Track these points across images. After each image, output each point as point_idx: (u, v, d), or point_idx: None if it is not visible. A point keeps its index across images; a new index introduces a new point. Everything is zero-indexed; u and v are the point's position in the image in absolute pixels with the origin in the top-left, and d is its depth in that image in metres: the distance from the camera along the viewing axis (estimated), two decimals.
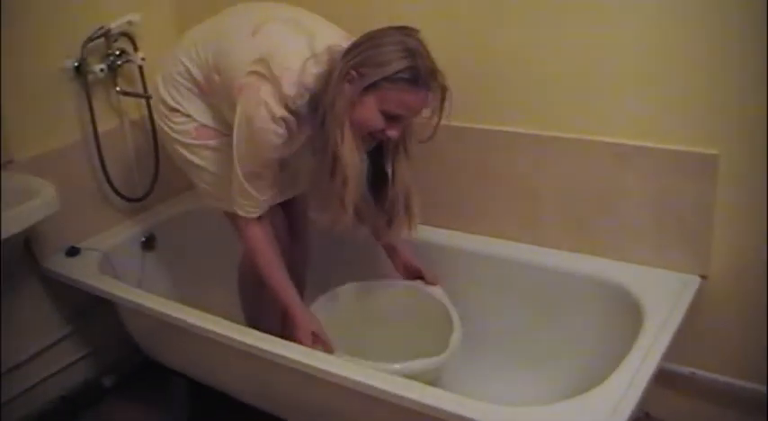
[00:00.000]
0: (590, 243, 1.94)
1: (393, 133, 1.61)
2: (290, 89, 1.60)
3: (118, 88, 2.25)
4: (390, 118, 1.59)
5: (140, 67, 2.26)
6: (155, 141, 2.30)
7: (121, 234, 2.30)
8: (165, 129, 1.88)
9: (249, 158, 1.69)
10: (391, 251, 1.97)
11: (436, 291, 1.93)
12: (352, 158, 1.60)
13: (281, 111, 1.60)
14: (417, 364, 1.67)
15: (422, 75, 1.54)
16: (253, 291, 2.01)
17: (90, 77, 2.13)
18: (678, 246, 1.82)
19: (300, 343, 1.70)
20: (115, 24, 2.15)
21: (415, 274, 1.95)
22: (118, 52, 2.20)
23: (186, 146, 1.86)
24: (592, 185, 1.90)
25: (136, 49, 2.24)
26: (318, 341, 1.72)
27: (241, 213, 1.75)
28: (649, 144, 1.78)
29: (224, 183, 1.79)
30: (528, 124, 1.93)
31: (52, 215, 1.83)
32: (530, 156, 1.96)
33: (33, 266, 2.09)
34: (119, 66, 2.21)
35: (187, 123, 1.84)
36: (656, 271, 1.84)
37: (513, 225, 2.06)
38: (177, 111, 1.84)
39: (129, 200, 2.31)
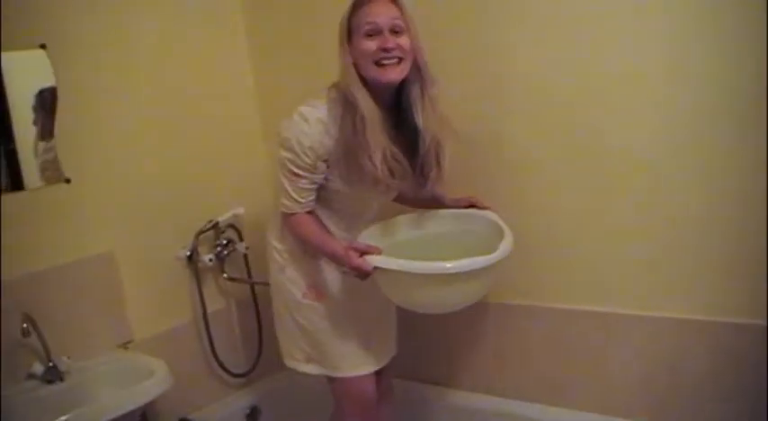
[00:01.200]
0: None
1: (388, 43, 1.74)
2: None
3: (225, 275, 2.50)
4: (374, 35, 1.75)
5: (245, 256, 2.53)
6: (258, 321, 2.53)
7: (228, 407, 2.48)
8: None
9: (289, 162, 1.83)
10: (435, 202, 2.06)
11: (489, 213, 1.98)
12: (366, 103, 1.76)
13: (313, 115, 1.80)
14: (467, 262, 1.71)
15: None
16: None
17: (200, 265, 2.40)
18: None
19: (355, 265, 1.78)
20: (223, 218, 2.44)
21: (465, 205, 2.05)
22: (225, 242, 2.48)
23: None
24: None
25: (241, 238, 2.51)
26: (362, 250, 1.80)
27: (282, 210, 1.91)
28: None
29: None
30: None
31: (166, 391, 2.00)
32: None
33: None
34: (226, 255, 2.48)
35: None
36: None
37: None
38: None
39: (234, 375, 2.51)
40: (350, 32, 1.80)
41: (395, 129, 1.85)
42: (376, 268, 1.77)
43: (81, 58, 2.07)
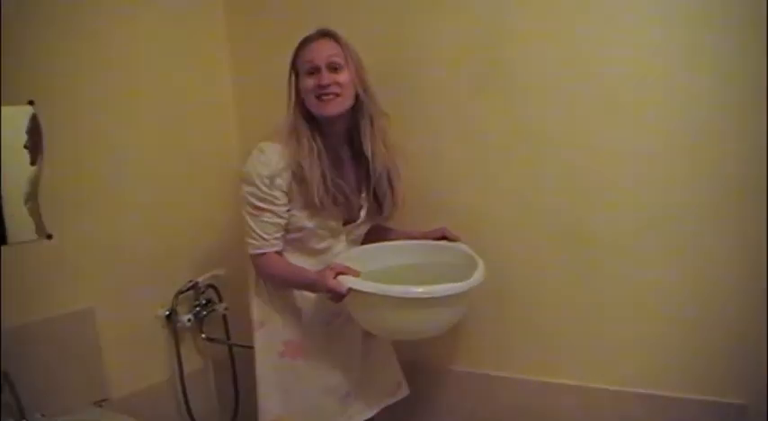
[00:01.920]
0: None
1: (323, 80, 1.87)
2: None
3: (203, 335, 2.53)
4: (314, 73, 1.89)
5: (224, 316, 2.56)
6: (235, 382, 2.55)
7: None
8: None
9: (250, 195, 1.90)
10: (405, 236, 2.14)
11: (460, 245, 2.03)
12: (307, 134, 1.90)
13: (270, 147, 1.89)
14: (439, 288, 1.74)
15: (311, 33, 1.93)
16: None
17: (179, 325, 2.43)
18: None
19: (330, 286, 1.80)
20: (202, 278, 2.48)
21: (436, 237, 2.10)
22: (205, 302, 2.51)
23: None
24: None
25: (220, 299, 2.55)
26: (339, 271, 1.82)
27: (249, 251, 1.95)
28: None
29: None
30: None
31: None
32: None
33: None
34: (205, 315, 2.51)
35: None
36: None
37: None
38: None
39: None
40: (296, 71, 1.95)
41: (352, 159, 1.97)
42: (350, 290, 1.79)
43: (67, 114, 2.13)
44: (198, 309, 2.50)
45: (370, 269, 1.96)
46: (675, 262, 1.90)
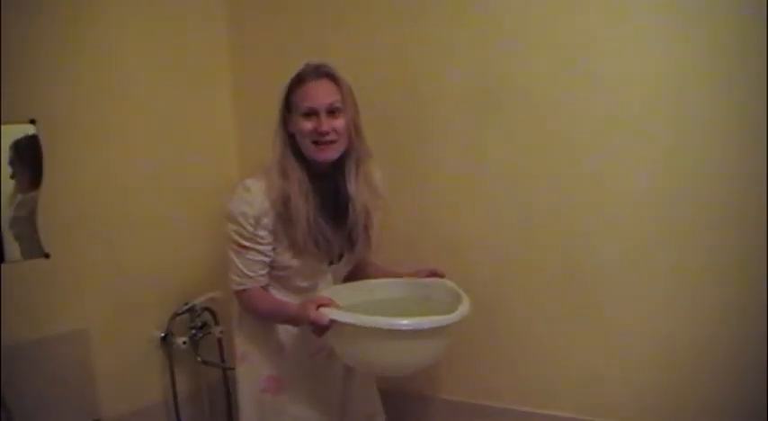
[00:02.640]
0: None
1: (322, 127, 1.84)
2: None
3: (199, 358, 2.53)
4: (311, 115, 1.85)
5: (219, 340, 2.57)
6: (228, 406, 2.56)
7: None
8: None
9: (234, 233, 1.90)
10: (374, 270, 2.13)
11: (446, 281, 2.00)
12: (296, 174, 1.88)
13: (255, 185, 1.88)
14: (426, 320, 1.73)
15: (308, 70, 1.89)
16: None
17: (174, 347, 2.44)
18: None
19: (311, 318, 1.75)
20: (199, 301, 2.49)
21: (426, 275, 2.05)
22: (200, 324, 2.52)
23: None
24: None
25: (216, 322, 2.56)
26: (321, 303, 1.78)
27: (232, 286, 1.94)
28: None
29: None
30: None
31: None
32: None
33: None
34: (200, 338, 2.52)
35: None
36: None
37: None
38: None
39: None
40: (288, 106, 1.91)
41: (333, 198, 1.94)
42: (332, 322, 1.75)
43: (68, 132, 2.17)
44: (194, 331, 2.50)
45: (352, 302, 1.94)
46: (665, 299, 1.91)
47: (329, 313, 1.76)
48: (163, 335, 2.42)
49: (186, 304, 2.47)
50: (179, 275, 2.52)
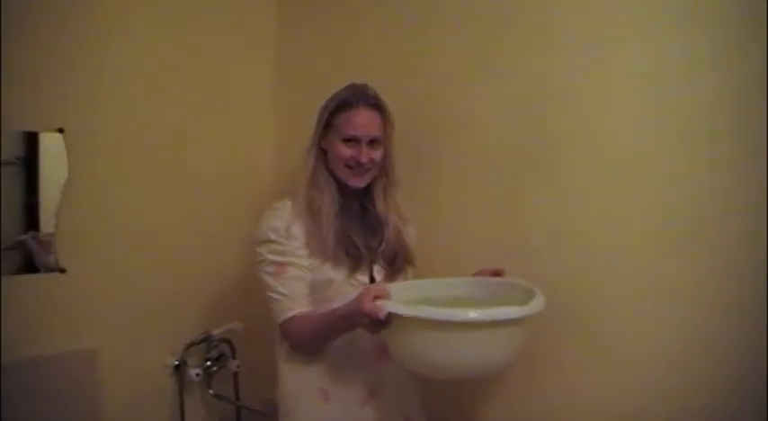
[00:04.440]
0: None
1: (362, 157, 1.83)
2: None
3: (211, 391, 2.42)
4: (351, 142, 1.84)
5: (235, 374, 2.47)
6: None
7: None
8: None
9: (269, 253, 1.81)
10: None
11: (519, 279, 1.81)
12: (329, 187, 1.86)
13: (282, 204, 1.86)
14: (499, 311, 1.53)
15: (357, 95, 1.86)
16: None
17: (186, 377, 2.34)
18: None
19: (366, 311, 1.56)
20: (217, 331, 2.40)
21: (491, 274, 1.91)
22: (217, 356, 2.42)
23: None
24: None
25: (234, 355, 2.46)
26: (378, 294, 1.59)
27: (278, 320, 1.80)
28: None
29: None
30: None
31: None
32: None
33: None
34: (215, 370, 2.42)
35: None
36: None
37: None
38: None
39: None
40: (328, 125, 1.89)
41: (360, 217, 1.91)
42: (391, 315, 1.55)
43: (93, 145, 2.14)
44: (209, 363, 2.41)
45: (412, 298, 1.72)
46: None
47: (387, 305, 1.55)
48: (176, 363, 2.33)
49: (203, 333, 2.38)
50: (199, 303, 2.44)
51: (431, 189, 2.20)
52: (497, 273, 1.89)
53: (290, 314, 1.78)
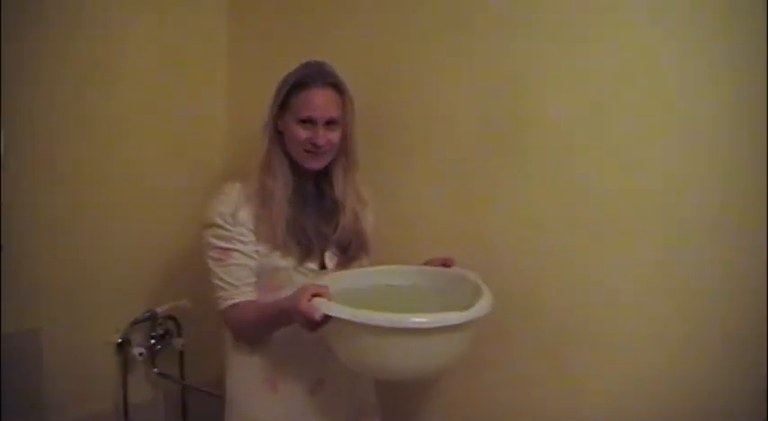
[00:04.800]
0: None
1: (319, 140, 1.79)
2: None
3: (156, 369, 2.42)
4: (308, 123, 1.80)
5: (181, 353, 2.47)
6: (184, 417, 2.46)
7: None
8: None
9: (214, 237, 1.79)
10: None
11: (467, 271, 1.81)
12: (283, 171, 1.83)
13: (230, 186, 1.82)
14: (439, 317, 1.48)
15: (313, 75, 1.80)
16: None
17: (129, 356, 2.33)
18: None
19: (301, 310, 1.53)
20: (162, 309, 2.39)
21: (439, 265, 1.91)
22: (162, 333, 2.42)
23: None
24: None
25: (179, 333, 2.46)
26: (315, 292, 1.57)
27: (220, 306, 1.78)
28: None
29: None
30: None
31: None
32: None
33: None
34: (159, 348, 2.41)
35: None
36: None
37: None
38: None
39: None
40: (283, 105, 1.84)
41: (316, 201, 1.88)
42: (326, 317, 1.51)
43: (33, 118, 2.08)
44: (153, 341, 2.40)
45: (356, 287, 1.75)
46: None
47: (322, 306, 1.52)
48: (119, 341, 2.32)
49: (148, 311, 2.38)
50: (146, 280, 2.42)
51: (392, 176, 2.20)
52: (446, 263, 1.91)
53: (230, 302, 1.77)
